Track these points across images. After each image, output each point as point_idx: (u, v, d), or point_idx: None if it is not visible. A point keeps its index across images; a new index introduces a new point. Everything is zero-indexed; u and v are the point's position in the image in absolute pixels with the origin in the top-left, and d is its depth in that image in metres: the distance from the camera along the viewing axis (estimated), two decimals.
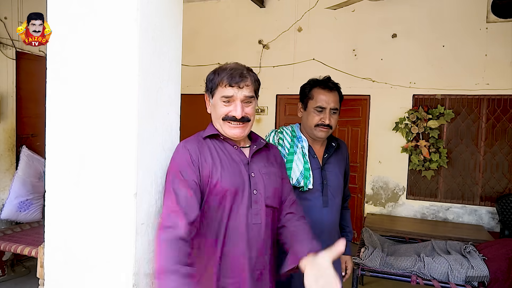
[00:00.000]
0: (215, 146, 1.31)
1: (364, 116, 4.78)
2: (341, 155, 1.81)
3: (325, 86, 1.69)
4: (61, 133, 1.26)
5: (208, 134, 1.32)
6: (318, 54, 4.84)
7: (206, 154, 1.26)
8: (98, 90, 1.20)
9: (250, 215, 1.25)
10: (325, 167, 1.71)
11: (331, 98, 1.67)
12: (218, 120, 1.31)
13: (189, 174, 1.21)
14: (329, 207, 1.67)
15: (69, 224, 1.25)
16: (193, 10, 5.36)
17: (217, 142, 1.32)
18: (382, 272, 2.68)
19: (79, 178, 1.23)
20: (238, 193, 1.25)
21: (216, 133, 1.32)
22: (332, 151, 1.75)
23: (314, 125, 1.68)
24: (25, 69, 4.09)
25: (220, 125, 1.31)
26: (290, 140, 1.71)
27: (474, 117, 4.36)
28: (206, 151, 1.27)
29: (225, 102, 1.27)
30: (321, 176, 1.68)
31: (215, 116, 1.31)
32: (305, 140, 1.71)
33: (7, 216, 3.68)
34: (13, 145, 4.01)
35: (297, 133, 1.74)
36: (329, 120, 1.67)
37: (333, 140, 1.79)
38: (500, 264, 2.56)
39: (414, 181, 4.59)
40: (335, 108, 1.68)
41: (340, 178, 1.76)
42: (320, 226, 1.61)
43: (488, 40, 4.24)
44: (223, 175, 1.24)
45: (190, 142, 1.29)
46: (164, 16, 1.28)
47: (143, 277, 1.21)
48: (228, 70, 1.27)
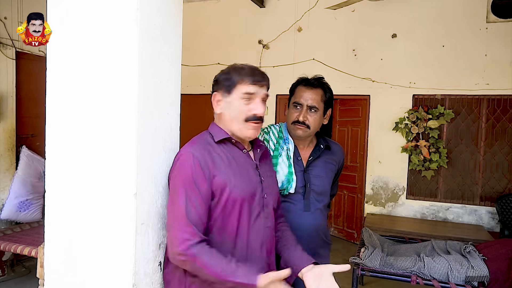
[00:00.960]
0: (225, 151, 1.25)
1: (364, 116, 4.78)
2: (332, 159, 1.71)
3: (307, 83, 1.63)
4: (61, 133, 1.26)
5: (220, 138, 1.26)
6: (318, 54, 4.84)
7: (217, 162, 1.21)
8: (98, 90, 1.20)
9: (263, 219, 1.28)
10: (308, 170, 1.63)
11: (310, 96, 1.59)
12: (236, 121, 1.25)
13: (199, 187, 1.16)
14: (311, 211, 1.60)
15: (69, 224, 1.25)
16: (193, 10, 5.36)
17: (225, 146, 1.27)
18: (382, 272, 2.68)
19: (79, 178, 1.23)
20: (253, 199, 1.25)
21: (228, 136, 1.27)
22: (319, 153, 1.65)
23: (291, 122, 1.62)
24: (25, 69, 4.09)
25: (239, 126, 1.26)
26: (276, 142, 1.65)
27: (474, 117, 4.36)
28: (217, 159, 1.21)
29: (246, 100, 1.24)
30: (304, 179, 1.61)
31: (233, 116, 1.26)
32: (291, 142, 1.64)
33: (7, 216, 3.68)
34: (13, 145, 4.01)
35: (284, 134, 1.67)
36: (304, 117, 1.58)
37: (324, 142, 1.69)
38: (500, 264, 2.56)
39: (414, 181, 4.59)
40: (313, 105, 1.59)
41: (326, 182, 1.66)
42: (300, 230, 1.54)
43: (488, 40, 4.25)
44: (238, 183, 1.21)
45: (197, 149, 1.21)
46: (164, 16, 1.28)
47: (143, 277, 1.22)
48: (248, 69, 1.26)
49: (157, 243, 1.29)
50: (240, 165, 1.26)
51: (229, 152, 1.26)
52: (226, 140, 1.27)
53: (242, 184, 1.22)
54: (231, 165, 1.23)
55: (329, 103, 1.66)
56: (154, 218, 1.26)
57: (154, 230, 1.26)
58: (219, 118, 1.31)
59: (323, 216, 1.67)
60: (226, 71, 1.29)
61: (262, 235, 1.27)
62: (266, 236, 1.29)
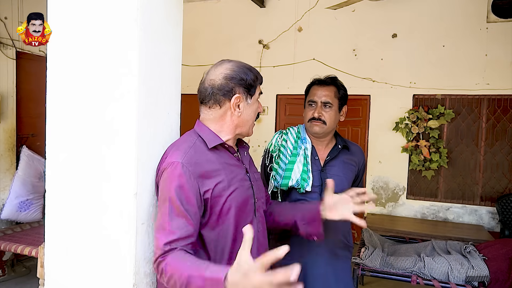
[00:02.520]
0: (217, 156, 1.19)
1: (364, 116, 4.78)
2: (352, 160, 1.72)
3: (320, 82, 1.70)
4: (61, 133, 1.26)
5: (215, 144, 1.18)
6: (318, 54, 4.84)
7: (210, 171, 1.14)
8: (98, 90, 1.20)
9: (255, 225, 1.24)
10: (326, 169, 1.66)
11: (323, 92, 1.65)
12: (252, 121, 1.26)
13: (188, 199, 1.08)
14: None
15: (69, 224, 1.25)
16: (193, 10, 5.36)
17: (217, 151, 1.20)
18: (382, 272, 2.68)
19: (79, 178, 1.23)
20: (246, 206, 1.22)
21: (222, 142, 1.20)
22: (336, 153, 1.69)
23: (307, 120, 1.67)
24: (25, 69, 4.09)
25: (251, 126, 1.27)
26: (294, 142, 1.70)
27: (474, 117, 4.36)
28: (209, 167, 1.14)
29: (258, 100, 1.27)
30: (321, 178, 1.64)
31: (250, 117, 1.25)
32: (309, 142, 1.69)
33: (8, 216, 3.69)
34: (13, 145, 4.01)
35: (302, 134, 1.72)
36: (319, 113, 1.63)
37: (342, 142, 1.73)
38: (501, 264, 2.56)
39: (414, 181, 4.59)
40: (327, 101, 1.64)
41: (344, 182, 1.66)
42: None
43: (489, 40, 4.24)
44: (232, 191, 1.16)
45: (187, 157, 1.12)
46: (164, 16, 1.28)
47: (143, 277, 1.21)
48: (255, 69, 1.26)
49: None
50: (232, 172, 1.20)
51: (221, 158, 1.20)
52: (219, 145, 1.21)
53: (236, 193, 1.17)
54: (224, 172, 1.17)
55: (343, 100, 1.71)
56: (155, 218, 1.26)
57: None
58: (221, 120, 1.21)
59: None
60: (245, 72, 1.20)
61: (256, 241, 1.22)
62: (260, 240, 1.27)
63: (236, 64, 1.22)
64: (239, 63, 1.23)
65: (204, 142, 1.19)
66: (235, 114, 1.20)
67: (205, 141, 1.19)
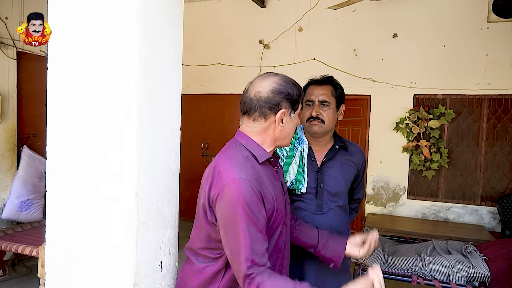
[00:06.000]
0: (265, 170, 1.20)
1: (365, 116, 4.77)
2: (350, 160, 1.71)
3: (316, 81, 1.69)
4: (62, 133, 1.26)
5: (265, 159, 1.20)
6: (318, 54, 4.83)
7: (264, 185, 1.15)
8: (98, 90, 1.20)
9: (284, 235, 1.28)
10: (323, 171, 1.64)
11: (320, 91, 1.64)
12: (292, 134, 1.27)
13: (259, 215, 1.10)
14: (323, 211, 1.62)
15: (70, 223, 1.25)
16: (194, 10, 5.36)
17: (264, 165, 1.21)
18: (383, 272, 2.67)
19: (80, 178, 1.23)
20: (282, 219, 1.26)
21: (270, 157, 1.22)
22: (333, 154, 1.67)
23: (306, 120, 1.66)
24: (26, 69, 4.09)
25: (288, 141, 1.26)
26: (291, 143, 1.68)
27: (475, 117, 4.36)
28: (263, 181, 1.16)
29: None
30: (317, 180, 1.62)
31: (292, 131, 1.26)
32: (306, 143, 1.66)
33: (8, 216, 3.69)
34: (14, 145, 4.02)
35: (299, 135, 1.70)
36: (317, 112, 1.62)
37: (340, 142, 1.71)
38: (501, 264, 2.56)
39: (415, 181, 4.59)
40: (324, 100, 1.63)
41: (342, 183, 1.65)
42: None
43: (489, 40, 4.24)
44: (278, 205, 1.21)
45: (249, 173, 1.12)
46: (165, 16, 1.28)
47: (144, 277, 1.22)
48: (299, 85, 1.26)
49: (158, 243, 1.29)
50: (275, 187, 1.22)
51: (267, 171, 1.22)
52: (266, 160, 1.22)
53: (281, 206, 1.23)
54: (272, 190, 1.19)
55: (340, 98, 1.70)
56: (155, 218, 1.26)
57: (155, 230, 1.26)
58: (264, 133, 1.21)
59: (338, 216, 1.66)
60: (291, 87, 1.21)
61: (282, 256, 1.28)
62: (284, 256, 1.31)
63: (283, 78, 1.21)
64: (286, 77, 1.23)
65: (253, 155, 1.19)
66: (278, 128, 1.21)
67: (254, 155, 1.19)
